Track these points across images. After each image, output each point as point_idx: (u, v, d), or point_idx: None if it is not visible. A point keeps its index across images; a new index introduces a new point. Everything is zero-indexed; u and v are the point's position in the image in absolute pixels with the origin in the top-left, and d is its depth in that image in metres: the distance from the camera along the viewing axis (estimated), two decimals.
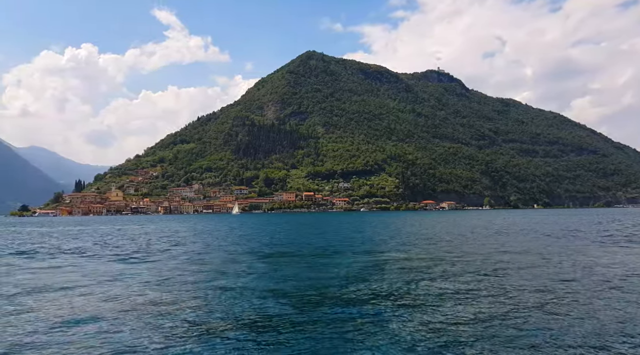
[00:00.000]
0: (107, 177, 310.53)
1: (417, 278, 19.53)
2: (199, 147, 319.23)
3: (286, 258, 27.82)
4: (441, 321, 12.70)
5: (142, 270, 23.34)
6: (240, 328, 12.25)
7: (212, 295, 16.43)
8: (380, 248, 32.98)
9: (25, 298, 16.50)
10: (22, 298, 16.52)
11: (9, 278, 20.96)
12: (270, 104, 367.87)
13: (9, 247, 38.38)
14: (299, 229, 64.93)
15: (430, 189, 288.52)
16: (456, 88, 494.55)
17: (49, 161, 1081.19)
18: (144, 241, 43.58)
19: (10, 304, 15.44)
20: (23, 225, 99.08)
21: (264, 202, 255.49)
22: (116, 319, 13.28)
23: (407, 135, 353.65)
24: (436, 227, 62.68)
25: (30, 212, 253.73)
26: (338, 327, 12.26)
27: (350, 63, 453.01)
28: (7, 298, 16.49)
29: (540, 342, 10.86)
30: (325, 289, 17.26)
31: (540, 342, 10.83)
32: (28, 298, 16.49)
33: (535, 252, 28.50)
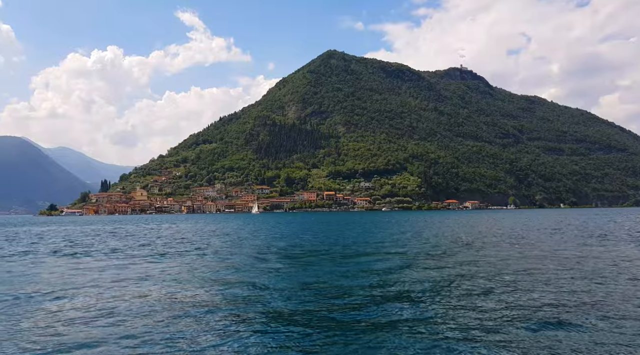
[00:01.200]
0: (132, 177, 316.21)
1: (469, 280, 18.90)
2: (221, 147, 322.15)
3: (316, 257, 27.79)
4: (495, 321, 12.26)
5: (178, 267, 24.10)
6: (272, 325, 12.36)
7: (248, 293, 16.54)
8: (413, 247, 32.39)
9: (93, 293, 17.12)
10: (89, 293, 17.12)
11: (72, 278, 21.22)
12: (291, 104, 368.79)
13: (69, 246, 39.04)
14: (327, 228, 64.57)
15: (453, 188, 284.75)
16: (479, 86, 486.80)
17: (76, 161, 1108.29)
18: (180, 239, 44.87)
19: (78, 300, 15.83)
20: (60, 224, 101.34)
21: (285, 201, 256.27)
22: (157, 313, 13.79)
23: (429, 134, 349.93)
24: (497, 228, 61.42)
25: (58, 212, 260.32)
26: (378, 329, 11.98)
27: (371, 62, 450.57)
28: (75, 295, 16.81)
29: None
30: (364, 290, 17.01)
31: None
32: (96, 293, 17.10)
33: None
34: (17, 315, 13.90)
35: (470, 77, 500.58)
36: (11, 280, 20.58)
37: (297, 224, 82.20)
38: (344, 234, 49.49)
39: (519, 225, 67.29)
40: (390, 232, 53.56)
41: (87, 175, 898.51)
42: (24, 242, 44.04)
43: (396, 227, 65.60)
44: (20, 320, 13.28)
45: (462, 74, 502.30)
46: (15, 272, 23.41)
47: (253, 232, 58.72)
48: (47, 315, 13.85)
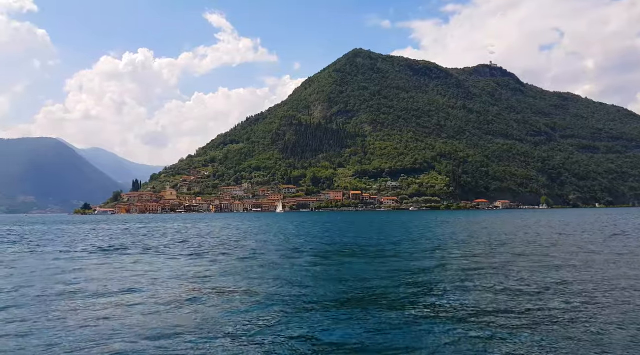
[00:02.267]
0: (162, 176, 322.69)
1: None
2: (248, 147, 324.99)
3: (349, 257, 27.73)
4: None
5: (212, 265, 24.72)
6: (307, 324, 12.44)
7: (285, 293, 16.69)
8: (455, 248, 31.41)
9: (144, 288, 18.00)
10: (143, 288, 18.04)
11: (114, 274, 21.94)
12: (317, 103, 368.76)
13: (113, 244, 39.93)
14: (357, 228, 63.85)
15: (483, 187, 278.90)
16: (510, 83, 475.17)
17: (109, 162, 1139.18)
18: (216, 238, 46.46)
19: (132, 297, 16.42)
20: (97, 223, 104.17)
21: (312, 201, 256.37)
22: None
23: (457, 132, 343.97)
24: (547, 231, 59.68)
25: (91, 211, 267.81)
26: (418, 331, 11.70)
27: (397, 60, 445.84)
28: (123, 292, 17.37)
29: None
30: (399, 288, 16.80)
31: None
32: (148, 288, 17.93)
33: None
34: (71, 310, 14.43)
35: (500, 74, 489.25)
36: (77, 277, 21.38)
37: (332, 225, 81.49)
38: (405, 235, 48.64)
39: (587, 226, 64.10)
40: (451, 233, 52.34)
41: (119, 175, 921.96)
42: (89, 241, 45.42)
43: (451, 227, 64.23)
44: (76, 315, 13.78)
45: (492, 70, 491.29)
46: (79, 268, 24.33)
47: (299, 233, 58.45)
48: (116, 310, 14.45)
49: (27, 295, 16.87)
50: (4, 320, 13.41)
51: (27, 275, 22.05)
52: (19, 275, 22.44)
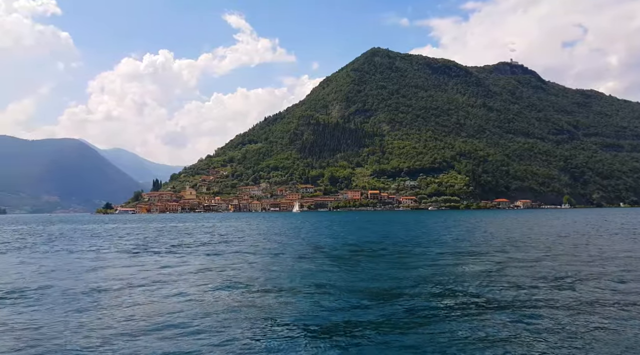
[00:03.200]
0: (181, 176, 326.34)
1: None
2: (266, 147, 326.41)
3: (372, 256, 27.76)
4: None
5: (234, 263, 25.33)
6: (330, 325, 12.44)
7: (311, 292, 16.75)
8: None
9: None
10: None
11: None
12: (335, 103, 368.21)
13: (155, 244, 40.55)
14: (380, 227, 63.48)
15: (503, 186, 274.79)
16: (531, 80, 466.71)
17: (130, 162, 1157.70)
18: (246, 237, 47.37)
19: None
20: (125, 222, 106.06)
21: (329, 200, 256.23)
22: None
23: (477, 131, 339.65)
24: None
25: (113, 210, 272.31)
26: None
27: (416, 58, 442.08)
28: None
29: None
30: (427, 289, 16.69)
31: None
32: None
33: None
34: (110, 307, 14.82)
35: (521, 71, 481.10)
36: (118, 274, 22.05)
37: (353, 224, 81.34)
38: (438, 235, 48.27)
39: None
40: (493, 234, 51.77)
41: (140, 174, 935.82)
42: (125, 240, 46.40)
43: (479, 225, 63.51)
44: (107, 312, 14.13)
45: (512, 68, 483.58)
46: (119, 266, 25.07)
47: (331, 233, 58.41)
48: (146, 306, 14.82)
49: (83, 292, 17.39)
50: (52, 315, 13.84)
51: (72, 273, 22.66)
52: (66, 273, 23.04)
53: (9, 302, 15.90)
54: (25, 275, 22.21)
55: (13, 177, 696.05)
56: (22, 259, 29.39)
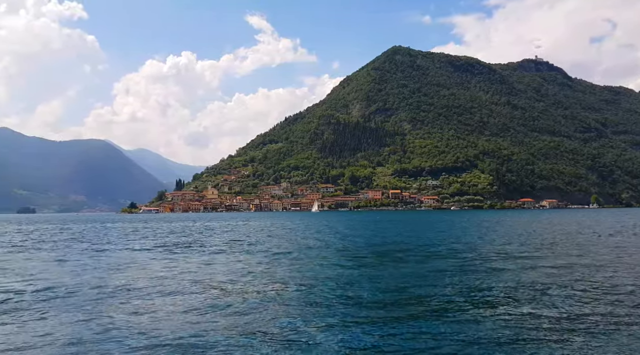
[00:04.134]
0: (203, 176, 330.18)
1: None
2: (286, 147, 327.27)
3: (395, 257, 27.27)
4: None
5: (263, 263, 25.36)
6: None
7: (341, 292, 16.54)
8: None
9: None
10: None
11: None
12: (355, 102, 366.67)
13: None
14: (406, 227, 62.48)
15: (529, 186, 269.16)
16: (557, 77, 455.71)
17: (154, 162, 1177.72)
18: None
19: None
20: (157, 222, 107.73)
21: (350, 200, 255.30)
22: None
23: (501, 130, 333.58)
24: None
25: (137, 209, 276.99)
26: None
27: (438, 56, 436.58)
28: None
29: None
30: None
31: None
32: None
33: None
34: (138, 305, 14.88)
35: (547, 68, 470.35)
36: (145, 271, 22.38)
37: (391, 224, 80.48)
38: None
39: None
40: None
41: (164, 175, 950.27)
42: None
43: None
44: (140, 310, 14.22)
45: (537, 65, 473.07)
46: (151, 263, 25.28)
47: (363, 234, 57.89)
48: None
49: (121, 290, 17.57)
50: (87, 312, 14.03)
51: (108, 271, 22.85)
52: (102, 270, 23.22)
53: (43, 299, 16.05)
54: (60, 273, 22.43)
55: (42, 177, 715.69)
56: (56, 257, 29.80)
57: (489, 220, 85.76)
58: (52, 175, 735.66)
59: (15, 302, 15.66)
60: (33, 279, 20.41)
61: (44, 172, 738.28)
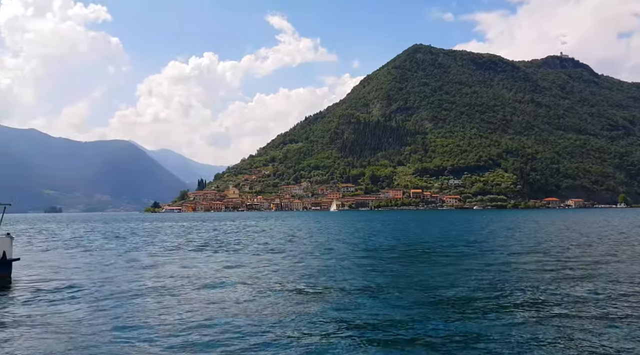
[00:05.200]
0: (225, 176, 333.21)
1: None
2: (306, 146, 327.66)
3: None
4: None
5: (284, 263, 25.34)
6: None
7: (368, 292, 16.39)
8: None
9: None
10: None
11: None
12: (376, 101, 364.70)
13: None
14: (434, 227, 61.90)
15: (553, 185, 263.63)
16: (583, 74, 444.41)
17: (176, 162, 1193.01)
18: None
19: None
20: (191, 221, 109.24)
21: (371, 199, 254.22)
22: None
23: (525, 128, 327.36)
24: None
25: (160, 209, 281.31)
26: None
27: (460, 54, 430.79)
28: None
29: None
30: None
31: None
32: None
33: None
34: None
35: (572, 65, 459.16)
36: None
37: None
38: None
39: None
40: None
41: (186, 174, 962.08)
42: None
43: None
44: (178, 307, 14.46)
45: (563, 62, 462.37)
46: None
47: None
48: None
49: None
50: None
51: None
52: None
53: (75, 296, 16.44)
54: (91, 271, 23.02)
55: (68, 177, 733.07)
56: (86, 256, 30.62)
57: (521, 219, 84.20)
58: (77, 176, 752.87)
59: (66, 295, 16.44)
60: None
61: (70, 173, 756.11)
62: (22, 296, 16.53)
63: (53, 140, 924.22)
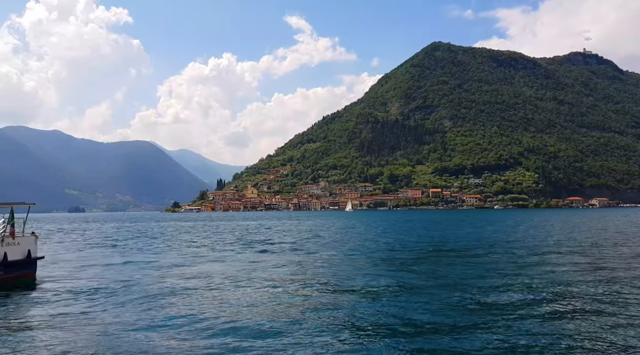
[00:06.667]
0: (243, 176, 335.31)
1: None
2: (324, 146, 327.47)
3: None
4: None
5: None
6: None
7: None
8: None
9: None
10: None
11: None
12: (394, 100, 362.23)
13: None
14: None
15: (577, 184, 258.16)
16: (607, 70, 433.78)
17: (195, 162, 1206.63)
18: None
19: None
20: (217, 220, 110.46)
21: (389, 199, 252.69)
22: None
23: (547, 126, 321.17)
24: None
25: (180, 209, 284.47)
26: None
27: (479, 51, 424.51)
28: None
29: None
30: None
31: None
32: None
33: None
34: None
35: (596, 61, 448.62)
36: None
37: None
38: None
39: None
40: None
41: (205, 174, 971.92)
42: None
43: None
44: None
45: (586, 58, 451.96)
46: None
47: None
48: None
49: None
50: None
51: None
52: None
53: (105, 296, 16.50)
54: (118, 270, 23.32)
55: (90, 177, 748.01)
56: (114, 254, 31.04)
57: (553, 218, 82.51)
58: (100, 176, 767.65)
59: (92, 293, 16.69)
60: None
61: (93, 173, 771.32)
62: (46, 294, 16.69)
63: (76, 142, 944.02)
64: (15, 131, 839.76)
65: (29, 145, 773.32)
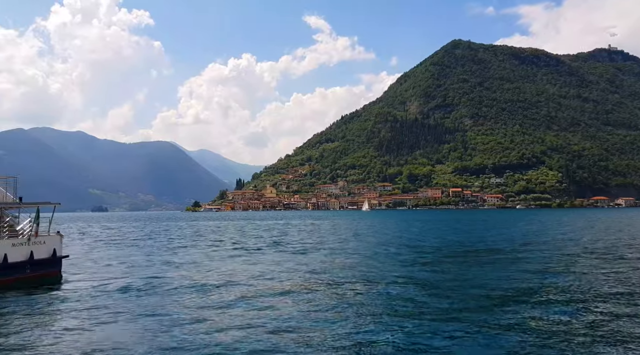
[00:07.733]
0: (262, 175, 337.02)
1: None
2: (343, 146, 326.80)
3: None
4: None
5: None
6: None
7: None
8: None
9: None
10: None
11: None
12: (413, 99, 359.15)
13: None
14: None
15: (602, 183, 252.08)
16: (634, 67, 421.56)
17: (215, 162, 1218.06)
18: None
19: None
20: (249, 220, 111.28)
21: (408, 198, 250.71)
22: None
23: (571, 124, 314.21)
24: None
25: (200, 208, 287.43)
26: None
27: (501, 49, 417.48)
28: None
29: None
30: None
31: None
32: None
33: None
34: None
35: (622, 57, 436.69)
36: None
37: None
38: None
39: None
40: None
41: (224, 174, 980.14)
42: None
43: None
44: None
45: (611, 54, 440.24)
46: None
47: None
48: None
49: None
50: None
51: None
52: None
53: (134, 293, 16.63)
54: (142, 268, 23.42)
55: (113, 177, 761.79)
56: (138, 253, 31.36)
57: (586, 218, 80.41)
58: (122, 176, 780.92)
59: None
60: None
61: (115, 173, 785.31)
62: (70, 292, 16.77)
63: (99, 142, 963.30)
64: (40, 132, 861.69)
65: (53, 146, 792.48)
